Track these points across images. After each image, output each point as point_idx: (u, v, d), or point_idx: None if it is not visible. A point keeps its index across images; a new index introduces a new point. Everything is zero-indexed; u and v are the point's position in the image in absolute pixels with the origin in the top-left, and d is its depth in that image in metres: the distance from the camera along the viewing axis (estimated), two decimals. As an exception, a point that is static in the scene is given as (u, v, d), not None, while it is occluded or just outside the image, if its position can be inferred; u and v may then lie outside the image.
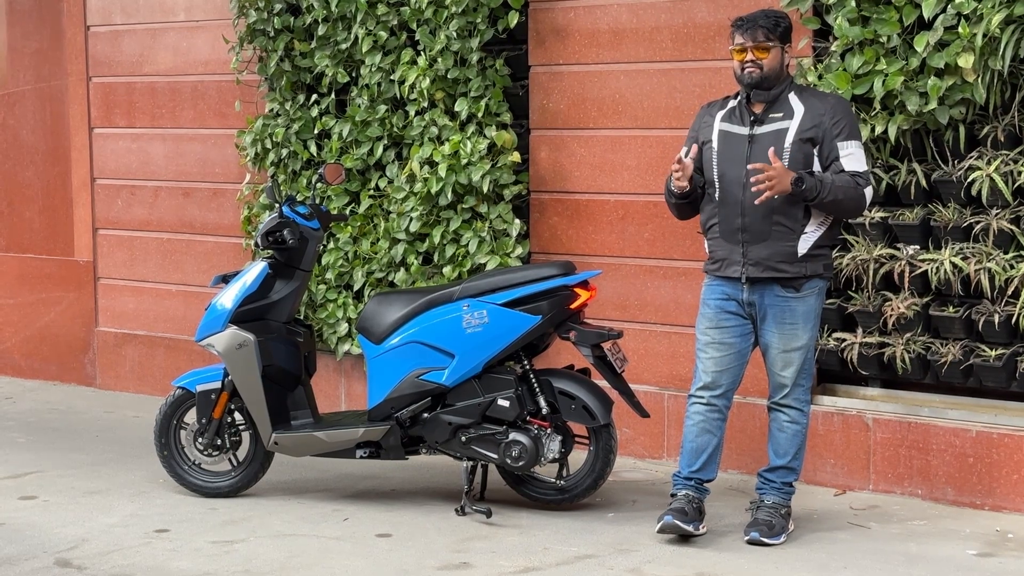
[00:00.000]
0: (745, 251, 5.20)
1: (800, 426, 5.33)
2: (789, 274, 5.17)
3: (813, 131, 5.13)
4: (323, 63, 7.16)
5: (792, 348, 5.24)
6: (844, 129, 5.14)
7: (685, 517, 5.25)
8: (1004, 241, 5.64)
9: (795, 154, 5.13)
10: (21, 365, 9.00)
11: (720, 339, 5.31)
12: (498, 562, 5.10)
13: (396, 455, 5.79)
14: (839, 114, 5.16)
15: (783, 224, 5.15)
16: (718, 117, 5.31)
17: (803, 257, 5.17)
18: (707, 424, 5.35)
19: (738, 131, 5.23)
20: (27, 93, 8.81)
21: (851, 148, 5.13)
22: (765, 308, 5.24)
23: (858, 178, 5.11)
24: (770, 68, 5.16)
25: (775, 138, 5.15)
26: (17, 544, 5.38)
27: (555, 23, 6.73)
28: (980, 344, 5.75)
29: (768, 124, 5.18)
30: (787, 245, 5.16)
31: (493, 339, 5.60)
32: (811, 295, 5.23)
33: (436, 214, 6.81)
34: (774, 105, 5.20)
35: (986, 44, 5.43)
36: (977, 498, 5.76)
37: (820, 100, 5.21)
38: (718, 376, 5.32)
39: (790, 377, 5.27)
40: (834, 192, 5.06)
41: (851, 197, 5.11)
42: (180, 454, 6.09)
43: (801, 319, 5.22)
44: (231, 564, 5.12)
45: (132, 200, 8.39)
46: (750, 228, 5.18)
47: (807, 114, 5.15)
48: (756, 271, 5.19)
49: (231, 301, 5.93)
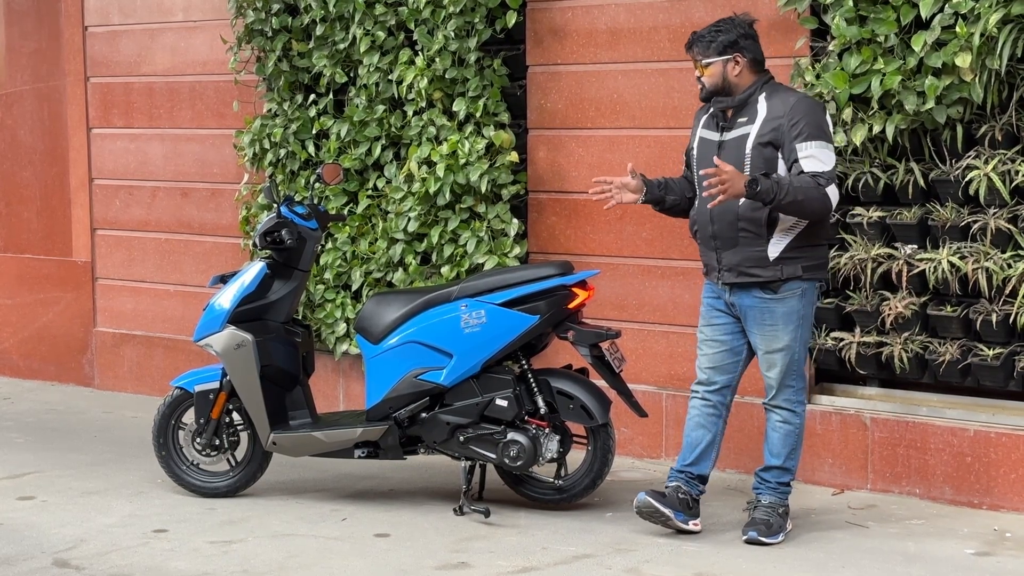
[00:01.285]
0: (719, 257, 5.24)
1: (792, 426, 5.32)
2: (763, 278, 5.17)
3: (771, 134, 5.09)
4: (321, 63, 7.16)
5: (773, 349, 5.23)
6: (803, 130, 5.05)
7: (662, 499, 5.27)
8: (1002, 240, 5.64)
9: (755, 159, 5.10)
10: (19, 365, 8.99)
11: (712, 336, 5.36)
12: (496, 562, 5.10)
13: (394, 455, 5.79)
14: (797, 115, 5.07)
15: (748, 230, 5.15)
16: (701, 122, 5.36)
17: (776, 260, 5.15)
18: (702, 419, 5.38)
19: (711, 137, 5.28)
20: (25, 93, 8.80)
21: (810, 149, 5.04)
22: (745, 310, 5.26)
23: (819, 179, 5.03)
24: (712, 83, 5.20)
25: (739, 143, 5.15)
26: (15, 544, 5.37)
27: (553, 23, 6.73)
28: (978, 343, 5.75)
29: (735, 129, 5.19)
30: (756, 250, 5.16)
31: (491, 339, 5.60)
32: (791, 296, 5.19)
33: (434, 214, 6.81)
34: (742, 110, 5.19)
35: (984, 43, 5.43)
36: (975, 497, 5.76)
37: (783, 102, 5.13)
38: (712, 373, 5.36)
39: (775, 378, 5.27)
40: (793, 193, 4.97)
41: (812, 198, 5.01)
42: (178, 454, 6.08)
43: (781, 321, 5.20)
44: (229, 564, 5.12)
45: (130, 200, 8.39)
46: (719, 235, 5.22)
47: (767, 117, 5.12)
48: (731, 276, 5.22)
49: (229, 301, 5.93)
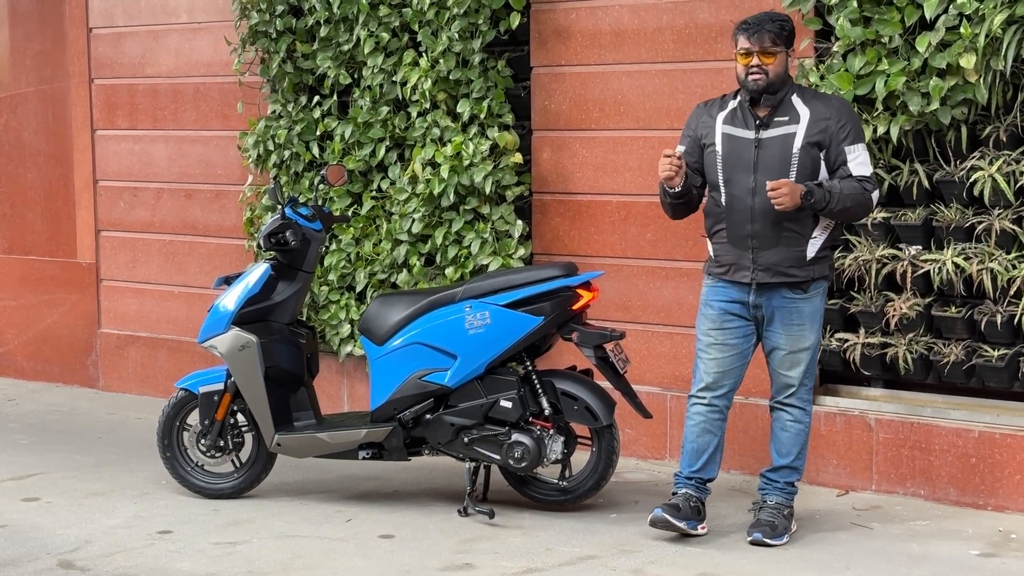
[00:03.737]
0: (755, 256, 5.19)
1: (803, 425, 5.33)
2: (799, 278, 5.18)
3: (820, 136, 5.13)
4: (325, 64, 7.16)
5: (800, 349, 5.25)
6: (850, 133, 5.14)
7: (677, 513, 5.26)
8: (1006, 241, 5.64)
9: (803, 159, 5.12)
10: (24, 367, 9.00)
11: (723, 340, 5.31)
12: (501, 563, 5.10)
13: (399, 456, 5.79)
14: (844, 117, 5.15)
15: (793, 230, 5.15)
16: (719, 119, 5.27)
17: (811, 260, 5.19)
18: (708, 424, 5.35)
19: (743, 135, 5.20)
20: (29, 95, 8.81)
21: (858, 152, 5.15)
22: (772, 310, 5.24)
23: (865, 183, 5.13)
24: (775, 74, 5.15)
25: (782, 143, 5.14)
26: (20, 546, 5.38)
27: (557, 24, 6.73)
28: (982, 344, 5.74)
29: (774, 128, 5.16)
30: (797, 250, 5.17)
31: (495, 340, 5.60)
32: (816, 296, 5.25)
33: (438, 215, 6.81)
34: (779, 108, 5.17)
35: (988, 44, 5.43)
36: (980, 498, 5.76)
37: (824, 103, 5.19)
38: (720, 377, 5.32)
39: (796, 377, 5.27)
40: (843, 201, 5.08)
41: (859, 203, 5.14)
42: (183, 455, 6.09)
43: (808, 320, 5.23)
44: (234, 565, 5.12)
45: (134, 202, 8.39)
46: (760, 234, 5.17)
47: (812, 118, 5.13)
48: (766, 276, 5.19)
49: (234, 303, 5.93)
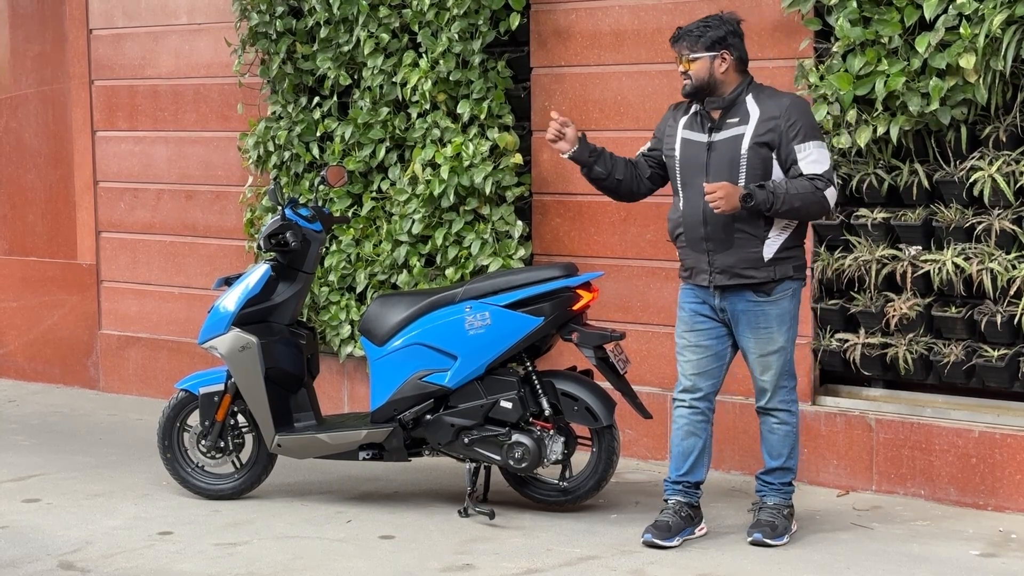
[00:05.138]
0: (711, 259, 5.17)
1: (790, 426, 5.30)
2: (757, 279, 5.13)
3: (769, 135, 5.07)
4: (325, 65, 7.17)
5: (769, 352, 5.20)
6: (800, 131, 5.05)
7: (667, 533, 5.23)
8: (1006, 241, 5.64)
9: (752, 160, 5.07)
10: (24, 368, 9.01)
11: (696, 342, 5.29)
12: (501, 563, 5.10)
13: (399, 457, 5.79)
14: (795, 115, 5.06)
15: (745, 231, 5.10)
16: (680, 123, 5.27)
17: (770, 261, 5.13)
18: (691, 427, 5.32)
19: (697, 138, 5.20)
20: (30, 96, 8.82)
21: (809, 150, 5.04)
22: (737, 314, 5.21)
23: (817, 181, 5.02)
24: (699, 79, 5.12)
25: (732, 145, 5.10)
26: (20, 547, 5.38)
27: (557, 25, 6.74)
28: (982, 344, 5.74)
29: (725, 130, 5.13)
30: (752, 251, 5.12)
31: (496, 341, 5.60)
32: (783, 298, 5.18)
33: (438, 216, 6.81)
34: (731, 110, 5.14)
35: (988, 45, 5.43)
36: (980, 498, 5.76)
37: (775, 102, 5.11)
38: (697, 379, 5.29)
39: (770, 381, 5.24)
40: (789, 201, 4.98)
41: (810, 203, 5.03)
42: (183, 456, 6.09)
43: (775, 322, 5.18)
44: (234, 566, 5.12)
45: (135, 203, 8.40)
46: (713, 237, 5.14)
47: (761, 118, 5.08)
48: (723, 279, 5.16)
49: (234, 304, 5.93)
